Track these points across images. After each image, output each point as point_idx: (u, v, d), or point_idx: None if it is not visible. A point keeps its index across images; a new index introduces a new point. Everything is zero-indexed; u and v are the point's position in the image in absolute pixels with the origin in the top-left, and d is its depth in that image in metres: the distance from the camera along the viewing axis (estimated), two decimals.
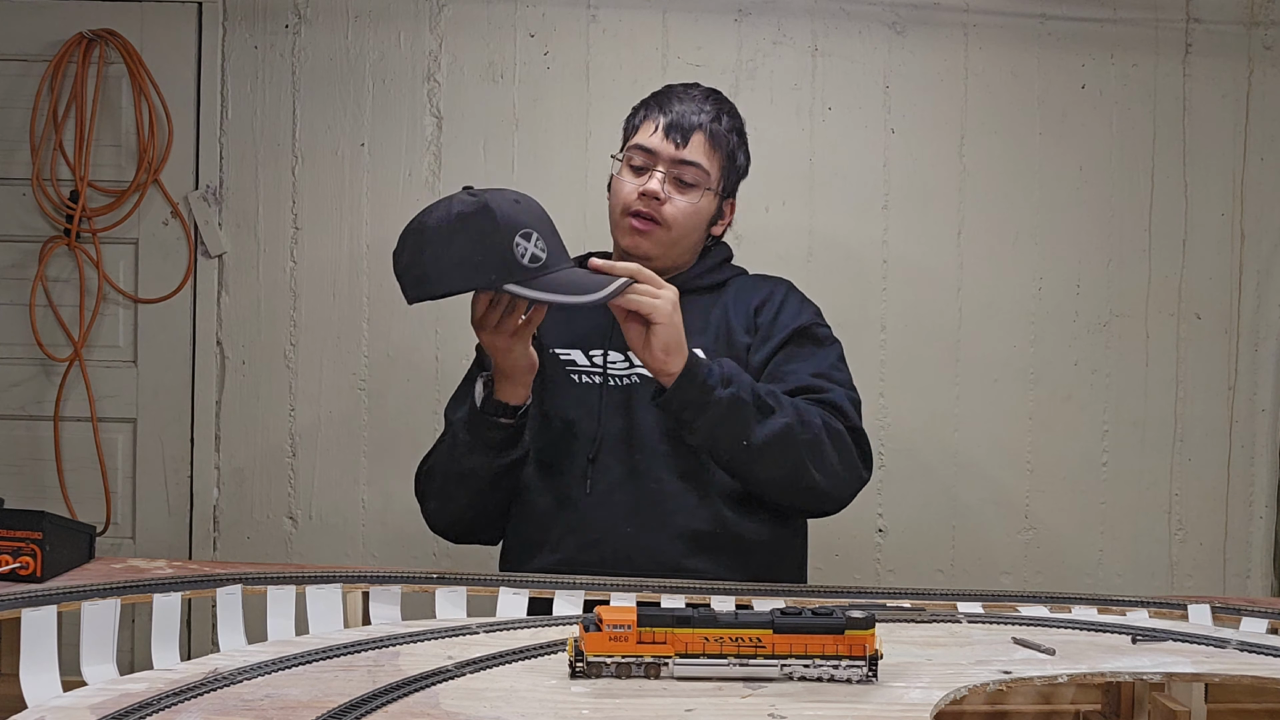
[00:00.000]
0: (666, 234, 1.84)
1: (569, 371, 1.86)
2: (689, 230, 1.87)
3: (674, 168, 1.83)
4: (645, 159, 1.85)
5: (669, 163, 1.83)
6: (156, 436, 2.56)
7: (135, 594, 1.47)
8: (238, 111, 2.55)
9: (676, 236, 1.85)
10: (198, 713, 1.11)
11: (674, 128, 1.84)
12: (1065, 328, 2.58)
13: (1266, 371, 2.59)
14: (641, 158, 1.85)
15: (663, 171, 1.83)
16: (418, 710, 1.12)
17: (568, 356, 1.88)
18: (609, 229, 1.92)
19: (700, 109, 1.87)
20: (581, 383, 1.85)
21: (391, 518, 2.57)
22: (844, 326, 2.06)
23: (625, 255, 1.86)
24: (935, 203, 2.56)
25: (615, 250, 1.93)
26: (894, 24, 2.56)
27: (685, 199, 1.84)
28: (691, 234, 1.88)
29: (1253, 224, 2.58)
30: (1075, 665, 1.31)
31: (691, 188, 1.84)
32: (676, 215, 1.84)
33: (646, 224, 1.83)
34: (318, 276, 2.56)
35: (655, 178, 1.82)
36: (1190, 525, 2.60)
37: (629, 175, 1.86)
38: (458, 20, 2.55)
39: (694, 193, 1.84)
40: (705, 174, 1.85)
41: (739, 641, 1.21)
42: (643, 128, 1.88)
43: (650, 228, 1.83)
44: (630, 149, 1.87)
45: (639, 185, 1.83)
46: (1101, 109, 2.56)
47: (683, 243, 1.88)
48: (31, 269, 2.52)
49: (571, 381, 1.85)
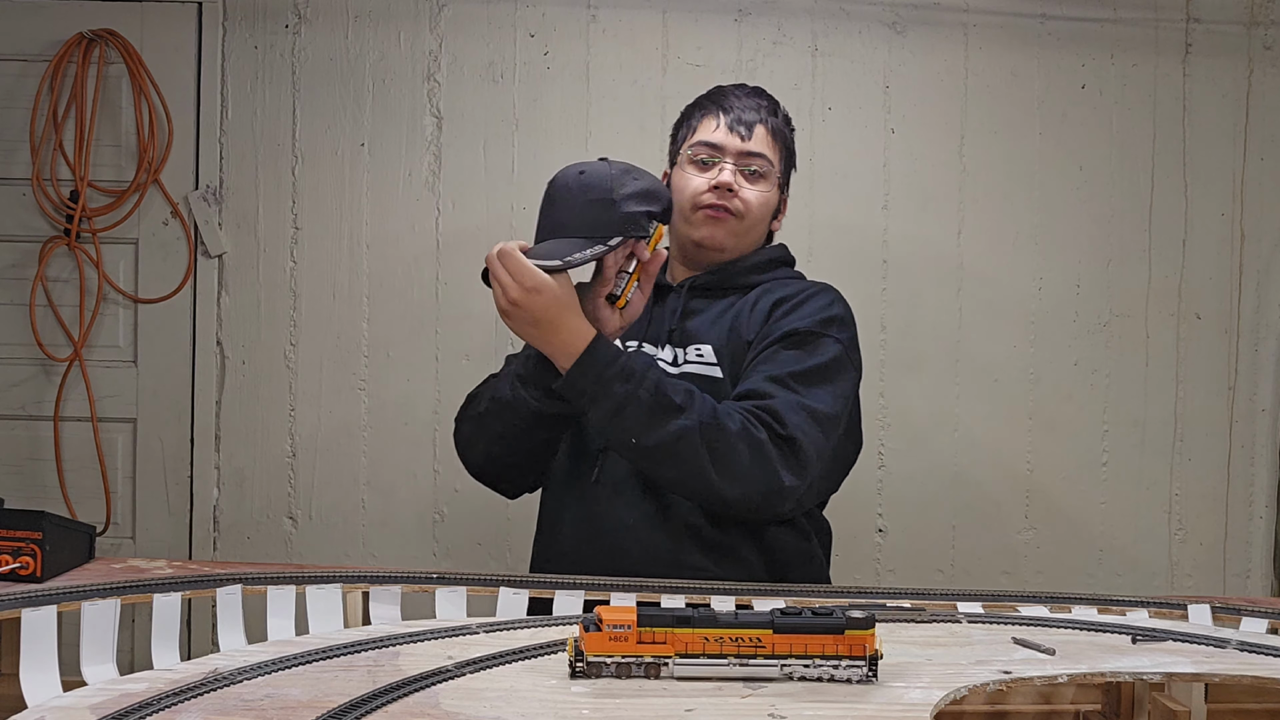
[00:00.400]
0: (739, 223, 1.88)
1: None
2: (759, 220, 1.91)
3: (741, 159, 1.87)
4: (711, 153, 1.88)
5: (736, 155, 1.87)
6: (156, 436, 2.56)
7: (135, 594, 1.47)
8: (238, 111, 2.55)
9: (748, 225, 1.89)
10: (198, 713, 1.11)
11: (738, 122, 1.89)
12: (1065, 328, 2.58)
13: (1266, 371, 2.59)
14: (707, 152, 1.88)
15: (731, 164, 1.87)
16: (418, 710, 1.12)
17: None
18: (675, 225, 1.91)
19: (757, 104, 1.92)
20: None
21: (391, 518, 2.57)
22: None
23: (697, 248, 1.90)
24: (935, 203, 2.56)
25: (677, 245, 1.94)
26: (894, 24, 2.56)
27: (755, 189, 1.88)
28: (760, 224, 1.92)
29: (1253, 224, 2.58)
30: (1075, 665, 1.31)
31: (760, 178, 1.89)
32: (750, 205, 1.88)
33: (722, 215, 1.86)
34: (318, 276, 2.56)
35: (727, 170, 1.86)
36: (1190, 525, 2.60)
37: (694, 172, 1.89)
38: (458, 20, 2.55)
39: (762, 183, 1.89)
40: (770, 164, 1.89)
41: (739, 641, 1.21)
42: (702, 125, 1.91)
43: (725, 218, 1.87)
44: (694, 146, 1.90)
45: (709, 179, 1.86)
46: (1101, 109, 2.56)
47: (753, 232, 1.91)
48: (31, 269, 2.52)
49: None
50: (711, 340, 1.85)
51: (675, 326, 1.88)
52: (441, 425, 2.56)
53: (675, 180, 1.92)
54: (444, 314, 2.56)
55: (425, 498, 2.58)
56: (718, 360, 1.83)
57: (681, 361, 1.85)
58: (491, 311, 2.54)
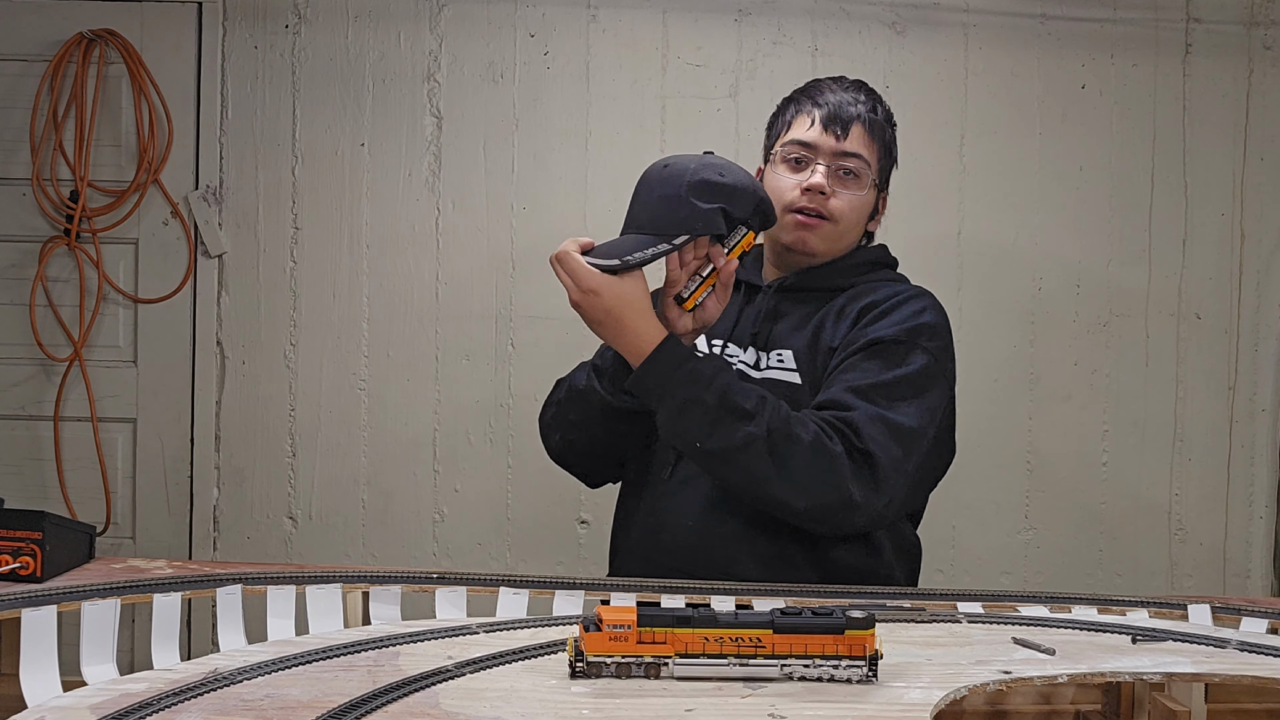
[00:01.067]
0: (833, 228, 1.81)
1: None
2: (854, 224, 1.83)
3: (836, 160, 1.80)
4: (804, 153, 1.81)
5: (830, 155, 1.80)
6: (156, 436, 2.56)
7: (135, 594, 1.46)
8: (238, 111, 2.55)
9: (843, 230, 1.82)
10: (198, 713, 1.11)
11: (833, 120, 1.80)
12: (1065, 328, 2.58)
13: (1266, 371, 2.59)
14: (800, 151, 1.81)
15: (825, 165, 1.79)
16: (418, 710, 1.12)
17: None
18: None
19: (855, 99, 1.83)
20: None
21: (391, 518, 2.57)
22: None
23: (787, 251, 1.84)
24: (935, 202, 2.56)
25: (769, 246, 1.89)
26: (894, 24, 2.56)
27: (849, 192, 1.80)
28: (854, 228, 1.84)
29: (1253, 224, 2.58)
30: (1075, 665, 1.31)
31: (855, 179, 1.81)
32: (843, 209, 1.80)
33: (813, 219, 1.80)
34: (318, 276, 2.56)
35: (819, 171, 1.78)
36: (1190, 525, 2.60)
37: (785, 171, 1.82)
38: (458, 20, 2.55)
39: (857, 184, 1.81)
40: (866, 165, 1.81)
41: (739, 641, 1.21)
42: (796, 122, 1.83)
43: (817, 223, 1.80)
44: (787, 144, 1.82)
45: (801, 181, 1.79)
46: (1101, 109, 2.56)
47: (847, 236, 1.84)
48: (31, 269, 2.52)
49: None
50: (794, 345, 1.79)
51: (759, 329, 1.83)
52: (441, 425, 2.56)
53: (767, 179, 1.84)
54: (444, 314, 2.56)
55: (425, 498, 2.58)
56: (797, 366, 1.78)
57: (764, 366, 1.80)
58: (491, 311, 2.56)
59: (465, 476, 2.56)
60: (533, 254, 2.55)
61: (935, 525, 2.55)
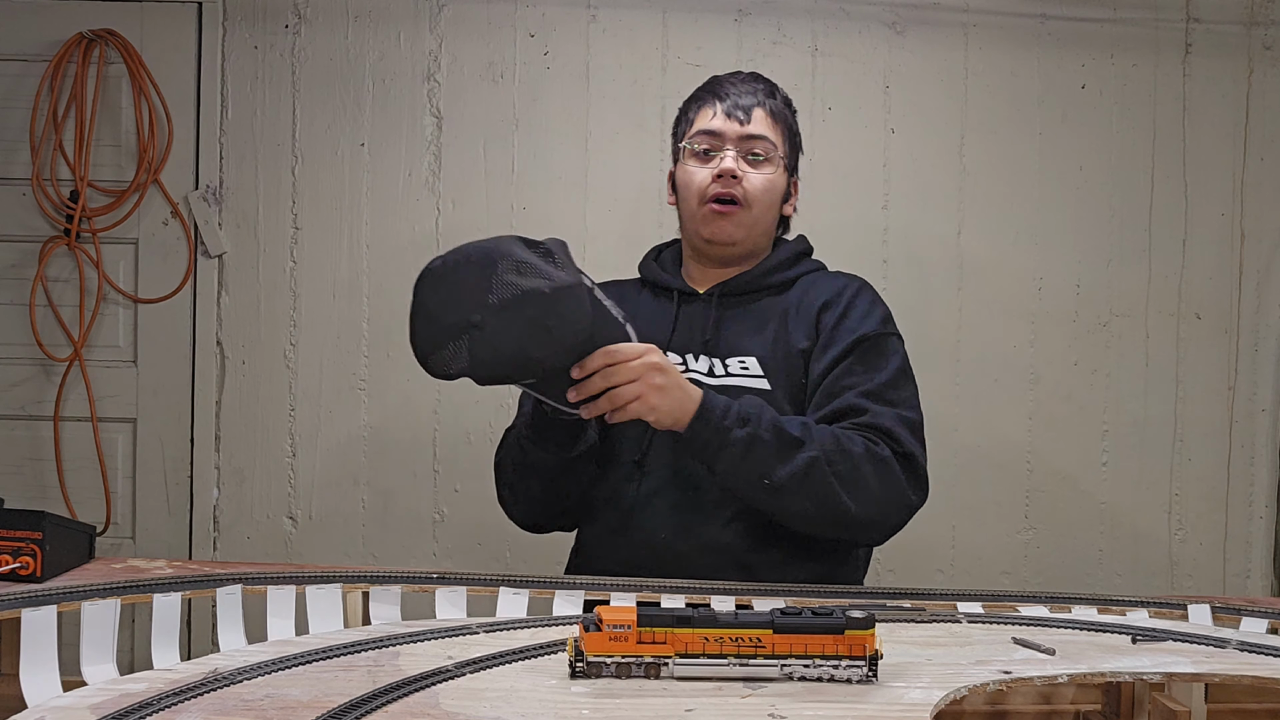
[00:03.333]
0: (748, 213, 1.83)
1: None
2: (767, 207, 1.86)
3: (742, 144, 1.83)
4: (711, 142, 1.84)
5: (736, 140, 1.83)
6: (156, 436, 2.56)
7: (135, 594, 1.47)
8: (238, 111, 2.55)
9: (757, 214, 1.84)
10: (198, 713, 1.11)
11: (735, 107, 1.84)
12: (1065, 328, 2.58)
13: (1266, 371, 2.60)
14: (707, 141, 1.84)
15: (733, 150, 1.82)
16: (418, 710, 1.12)
17: None
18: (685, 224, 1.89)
19: (754, 88, 1.87)
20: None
21: (391, 518, 2.57)
22: None
23: (707, 244, 1.85)
24: (935, 202, 2.56)
25: (690, 244, 1.91)
26: (894, 24, 2.56)
27: (759, 174, 1.83)
28: (769, 211, 1.87)
29: (1253, 224, 2.58)
30: (1075, 665, 1.31)
31: (764, 161, 1.84)
32: (755, 191, 1.83)
33: (727, 207, 1.82)
34: (318, 276, 2.56)
35: (728, 156, 1.82)
36: (1190, 525, 2.60)
37: (695, 164, 1.85)
38: (458, 20, 2.55)
39: (766, 166, 1.84)
40: (773, 146, 1.84)
41: (739, 641, 1.21)
42: (700, 116, 1.86)
43: (731, 210, 1.82)
44: (693, 136, 1.85)
45: (713, 168, 1.82)
46: (1101, 109, 2.56)
47: (762, 221, 1.86)
48: (31, 269, 2.52)
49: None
50: (755, 351, 1.80)
51: (710, 336, 1.83)
52: (441, 425, 2.56)
53: (679, 177, 1.89)
54: None
55: (425, 498, 2.58)
56: (764, 372, 1.79)
57: (721, 373, 1.80)
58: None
59: (465, 476, 2.56)
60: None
61: (935, 525, 2.56)
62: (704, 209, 1.83)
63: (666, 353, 1.80)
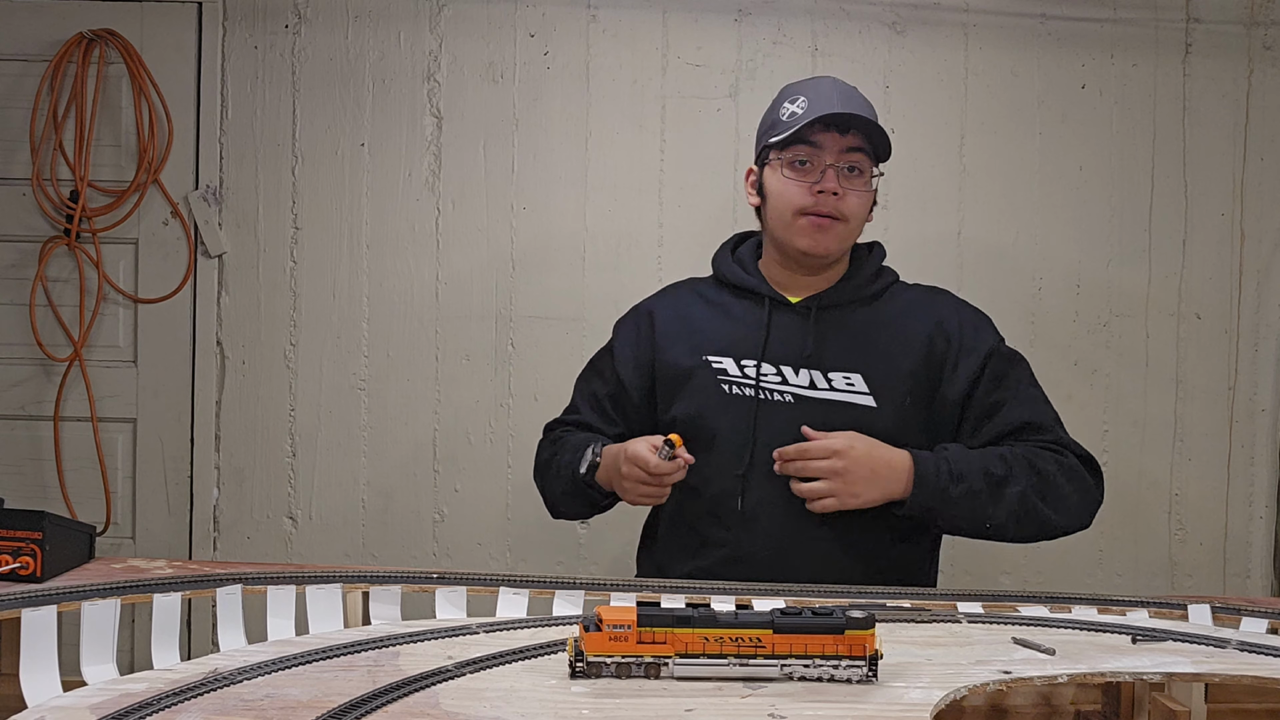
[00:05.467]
0: (846, 227, 1.81)
1: (720, 380, 1.82)
2: (862, 220, 1.85)
3: (841, 157, 1.78)
4: (809, 153, 1.79)
5: (836, 154, 1.78)
6: (156, 436, 2.56)
7: (135, 594, 1.47)
8: (238, 111, 2.55)
9: (854, 227, 1.83)
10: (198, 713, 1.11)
11: (835, 118, 1.77)
12: (1065, 328, 2.58)
13: (1266, 371, 2.59)
14: (805, 152, 1.79)
15: (833, 164, 1.78)
16: (418, 710, 1.12)
17: (720, 365, 1.83)
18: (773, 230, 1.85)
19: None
20: (732, 393, 1.81)
21: (391, 518, 2.57)
22: None
23: (803, 256, 1.82)
24: (935, 202, 2.56)
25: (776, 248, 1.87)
26: (894, 24, 2.56)
27: (856, 190, 1.80)
28: (863, 224, 1.86)
29: (1253, 224, 2.58)
30: (1075, 665, 1.31)
31: (859, 176, 1.81)
32: (855, 207, 1.81)
33: (826, 220, 1.79)
34: (318, 276, 2.56)
35: (829, 174, 1.77)
36: (1190, 525, 2.60)
37: (791, 173, 1.80)
38: (458, 20, 2.55)
39: (861, 181, 1.81)
40: (868, 159, 1.81)
41: (739, 641, 1.21)
42: (796, 122, 1.78)
43: (830, 224, 1.79)
44: (791, 145, 1.79)
45: (811, 182, 1.78)
46: (1101, 109, 2.56)
47: (856, 233, 1.86)
48: (31, 269, 2.52)
49: (722, 391, 1.81)
50: (860, 369, 1.80)
51: (812, 350, 1.81)
52: (441, 425, 2.56)
53: (770, 184, 1.82)
54: (444, 314, 2.56)
55: (425, 498, 2.58)
56: (870, 389, 1.79)
57: (825, 387, 1.79)
58: (491, 311, 2.56)
59: (465, 476, 2.56)
60: (533, 254, 2.55)
61: None
62: (802, 221, 1.80)
63: (761, 363, 1.81)
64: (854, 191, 1.79)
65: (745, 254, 1.93)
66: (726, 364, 1.82)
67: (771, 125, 1.84)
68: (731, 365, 1.82)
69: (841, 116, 1.77)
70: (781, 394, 1.79)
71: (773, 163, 1.82)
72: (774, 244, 1.87)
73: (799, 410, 1.78)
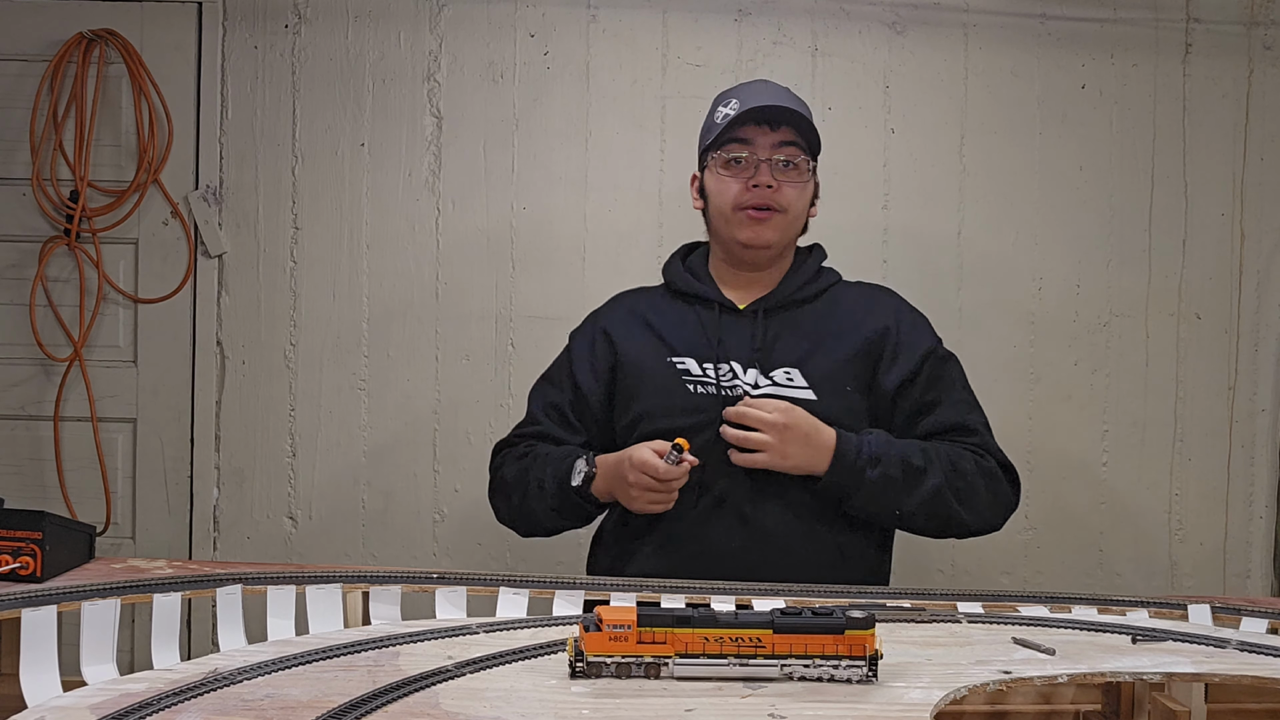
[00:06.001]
0: (784, 218, 1.87)
1: (685, 381, 1.86)
2: (801, 212, 1.90)
3: (774, 151, 1.84)
4: (742, 150, 1.85)
5: (768, 148, 1.84)
6: (156, 436, 2.56)
7: (135, 594, 1.47)
8: (238, 111, 2.55)
9: (792, 219, 1.88)
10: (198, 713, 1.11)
11: (765, 114, 1.84)
12: (1065, 328, 2.58)
13: (1266, 371, 2.59)
14: (738, 149, 1.85)
15: (766, 159, 1.83)
16: (418, 710, 1.12)
17: (683, 366, 1.87)
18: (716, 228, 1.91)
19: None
20: (696, 393, 1.85)
21: (391, 518, 2.57)
22: None
23: (743, 249, 1.88)
24: (935, 202, 2.56)
25: (721, 247, 1.93)
26: (894, 24, 2.56)
27: (792, 182, 1.86)
28: (802, 215, 1.91)
29: (1253, 224, 2.58)
30: (1075, 665, 1.31)
31: (794, 169, 1.86)
32: (792, 199, 1.86)
33: (764, 213, 1.85)
34: (318, 276, 2.56)
35: (762, 168, 1.83)
36: (1190, 525, 2.60)
37: (727, 172, 1.86)
38: (458, 20, 2.55)
39: (796, 172, 1.86)
40: (801, 151, 1.86)
41: (739, 641, 1.21)
42: (729, 123, 1.85)
43: (768, 215, 1.85)
44: (724, 145, 1.86)
45: (747, 179, 1.84)
46: (1101, 109, 2.56)
47: (797, 224, 1.91)
48: (31, 269, 2.52)
49: (687, 390, 1.85)
50: (799, 364, 1.84)
51: (761, 349, 1.86)
52: (441, 425, 2.56)
53: (710, 184, 1.90)
54: (444, 314, 2.56)
55: (425, 498, 2.58)
56: (809, 383, 1.84)
57: (767, 384, 1.84)
58: (491, 311, 2.56)
59: (465, 476, 2.56)
60: (533, 254, 2.55)
61: None
62: (739, 215, 1.86)
63: (716, 364, 1.85)
64: (789, 184, 1.85)
65: (696, 262, 1.99)
66: (689, 364, 1.87)
67: (708, 130, 1.92)
68: (694, 365, 1.87)
69: (770, 110, 1.84)
70: (735, 388, 1.84)
71: (710, 164, 1.89)
72: (718, 243, 1.94)
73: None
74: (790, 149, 1.85)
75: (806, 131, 1.86)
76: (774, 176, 1.84)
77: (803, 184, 1.87)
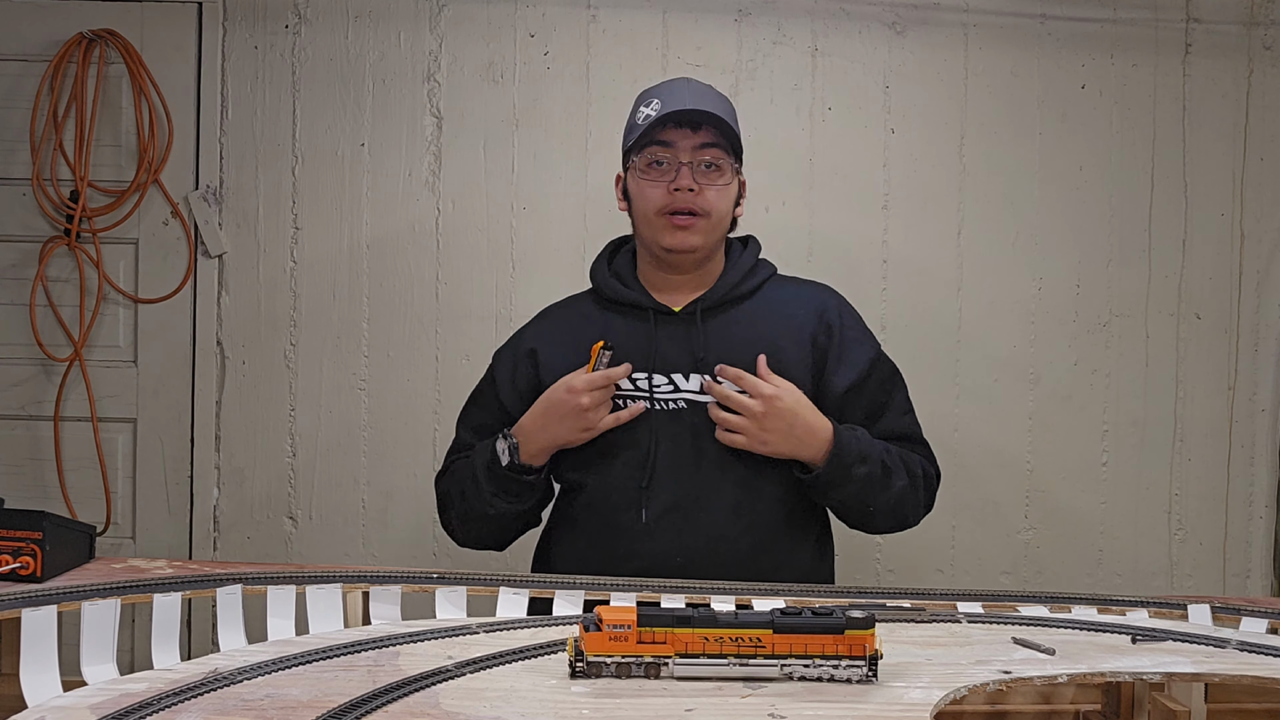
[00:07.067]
0: (707, 222, 1.82)
1: (614, 395, 1.82)
2: (725, 213, 1.86)
3: (695, 154, 1.80)
4: (663, 154, 1.81)
5: (690, 151, 1.80)
6: (156, 436, 2.56)
7: (135, 594, 1.47)
8: (238, 111, 2.55)
9: (716, 221, 1.84)
10: (198, 713, 1.11)
11: (685, 117, 1.80)
12: (1065, 328, 2.58)
13: (1266, 371, 2.59)
14: (659, 153, 1.81)
15: (687, 162, 1.80)
16: (418, 710, 1.12)
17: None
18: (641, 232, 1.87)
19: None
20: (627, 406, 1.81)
21: (391, 518, 2.57)
22: None
23: (668, 254, 1.84)
24: (935, 203, 2.56)
25: (647, 250, 1.89)
26: (894, 24, 2.56)
27: (714, 185, 1.82)
28: (727, 216, 1.87)
29: (1253, 224, 2.58)
30: (1075, 665, 1.31)
31: (717, 171, 1.82)
32: (715, 202, 1.82)
33: (687, 219, 1.81)
34: (318, 276, 2.56)
35: (684, 171, 1.80)
36: (1190, 525, 2.60)
37: (649, 176, 1.82)
38: (458, 20, 2.55)
39: (720, 175, 1.82)
40: (724, 153, 1.82)
41: (739, 641, 1.21)
42: (649, 126, 1.81)
43: (691, 221, 1.81)
44: (645, 148, 1.82)
45: (669, 183, 1.81)
46: (1101, 109, 2.56)
47: (721, 226, 1.86)
48: (31, 269, 2.52)
49: (617, 405, 1.81)
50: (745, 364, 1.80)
51: (702, 354, 1.82)
52: (441, 425, 2.56)
53: (632, 187, 1.86)
54: (444, 314, 2.56)
55: (425, 497, 2.57)
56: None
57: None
58: (491, 311, 2.56)
59: None
60: (533, 254, 2.55)
61: (935, 525, 2.56)
62: (662, 220, 1.82)
63: (652, 374, 1.82)
64: (712, 187, 1.81)
65: (622, 265, 1.94)
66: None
67: (630, 130, 1.87)
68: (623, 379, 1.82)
69: (690, 113, 1.80)
70: (675, 402, 1.81)
71: (633, 166, 1.85)
72: (644, 246, 1.90)
73: (693, 415, 1.80)
74: (713, 150, 1.81)
75: (728, 132, 1.82)
76: (696, 180, 1.79)
77: (725, 185, 1.83)
